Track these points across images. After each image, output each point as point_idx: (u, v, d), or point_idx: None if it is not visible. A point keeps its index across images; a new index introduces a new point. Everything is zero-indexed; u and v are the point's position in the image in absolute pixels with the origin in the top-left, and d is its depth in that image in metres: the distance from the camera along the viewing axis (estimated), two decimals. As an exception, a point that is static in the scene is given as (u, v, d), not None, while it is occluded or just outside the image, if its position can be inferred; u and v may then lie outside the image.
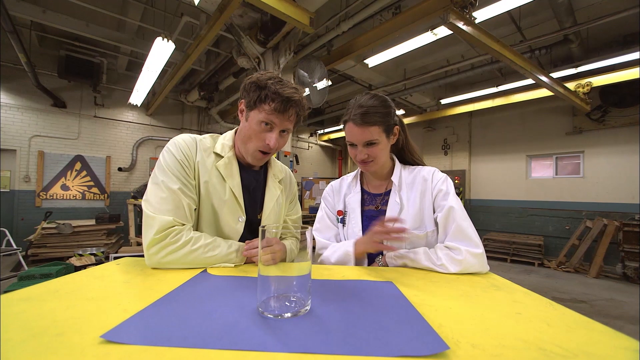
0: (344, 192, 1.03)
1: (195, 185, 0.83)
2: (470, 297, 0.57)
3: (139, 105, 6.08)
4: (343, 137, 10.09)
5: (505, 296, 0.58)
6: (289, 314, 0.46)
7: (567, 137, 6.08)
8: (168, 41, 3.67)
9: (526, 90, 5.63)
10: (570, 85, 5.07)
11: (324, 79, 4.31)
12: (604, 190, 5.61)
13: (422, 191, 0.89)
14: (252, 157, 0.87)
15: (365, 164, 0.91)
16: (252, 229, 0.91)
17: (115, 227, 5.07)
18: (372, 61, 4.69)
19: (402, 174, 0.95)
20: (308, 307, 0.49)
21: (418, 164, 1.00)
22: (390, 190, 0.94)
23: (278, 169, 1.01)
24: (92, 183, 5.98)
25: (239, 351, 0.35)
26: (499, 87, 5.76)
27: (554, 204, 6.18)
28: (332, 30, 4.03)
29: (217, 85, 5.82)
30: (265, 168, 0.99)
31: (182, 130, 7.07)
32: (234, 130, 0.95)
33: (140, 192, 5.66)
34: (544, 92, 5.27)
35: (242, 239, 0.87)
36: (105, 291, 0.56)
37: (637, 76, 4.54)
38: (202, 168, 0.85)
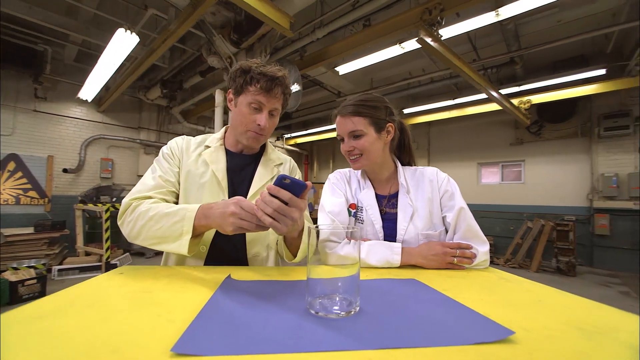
0: (354, 185, 1.00)
1: (177, 173, 0.90)
2: (491, 289, 0.63)
3: (89, 101, 5.51)
4: (310, 142, 10.26)
5: (517, 287, 0.64)
6: (343, 313, 0.47)
7: (511, 147, 6.82)
8: (131, 33, 3.41)
9: (477, 104, 6.21)
10: (514, 102, 5.71)
11: (296, 84, 4.34)
12: (541, 195, 6.38)
13: (430, 192, 0.92)
14: (247, 139, 0.90)
15: (354, 160, 0.92)
16: None
17: (59, 236, 4.50)
18: (343, 69, 4.82)
19: (406, 176, 0.97)
20: (358, 307, 0.50)
21: (412, 165, 1.06)
22: (397, 192, 0.95)
23: (276, 155, 1.03)
24: (29, 186, 5.24)
25: (318, 353, 0.36)
26: (455, 100, 6.28)
27: (501, 207, 6.87)
28: (306, 36, 4.08)
29: (181, 84, 5.52)
30: (259, 155, 1.00)
31: (139, 129, 6.55)
32: (225, 127, 1.03)
33: (89, 196, 5.12)
34: (492, 107, 5.86)
35: None
36: (133, 302, 0.52)
37: (566, 96, 5.30)
38: (186, 158, 0.92)
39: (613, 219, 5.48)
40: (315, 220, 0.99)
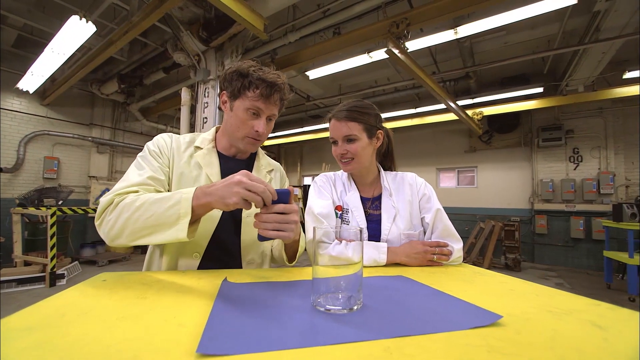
0: (340, 188, 1.04)
1: (168, 173, 0.84)
2: (470, 282, 0.70)
3: (30, 92, 4.93)
4: (277, 145, 10.19)
5: (492, 279, 0.73)
6: (349, 309, 0.50)
7: (466, 154, 7.41)
8: (87, 22, 3.14)
9: (436, 114, 6.65)
10: (469, 112, 6.23)
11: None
12: (492, 198, 7.02)
13: (410, 196, 1.00)
14: (243, 144, 0.88)
15: (346, 162, 0.97)
16: (236, 220, 0.89)
17: (-10, 244, 3.95)
18: (313, 74, 4.89)
19: (388, 180, 1.04)
20: (361, 302, 0.53)
21: (393, 170, 1.14)
22: (380, 195, 1.01)
23: (266, 161, 1.03)
24: (-51, 187, 4.53)
25: (340, 344, 0.38)
26: (417, 109, 6.67)
27: (457, 209, 7.42)
28: (278, 39, 4.08)
29: (141, 79, 5.17)
30: (251, 160, 0.99)
31: (91, 126, 5.99)
32: (214, 127, 1.00)
33: (29, 199, 4.55)
34: (449, 116, 6.32)
35: (225, 226, 0.85)
36: (132, 309, 0.50)
37: (511, 110, 5.91)
38: (177, 159, 0.87)
39: (549, 219, 6.21)
40: (302, 223, 1.01)
